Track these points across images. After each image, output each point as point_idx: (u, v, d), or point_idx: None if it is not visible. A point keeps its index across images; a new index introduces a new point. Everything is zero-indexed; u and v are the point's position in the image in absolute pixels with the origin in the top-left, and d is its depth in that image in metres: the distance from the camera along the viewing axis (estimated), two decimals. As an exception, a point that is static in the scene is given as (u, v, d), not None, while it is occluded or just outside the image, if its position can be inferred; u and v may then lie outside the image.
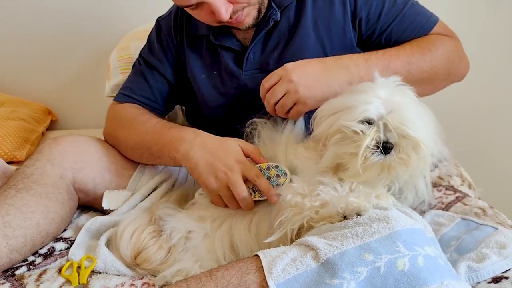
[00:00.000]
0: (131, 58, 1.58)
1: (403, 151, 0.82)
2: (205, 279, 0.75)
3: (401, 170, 0.84)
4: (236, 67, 1.19)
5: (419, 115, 0.85)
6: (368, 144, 0.81)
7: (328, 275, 0.71)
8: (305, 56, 1.12)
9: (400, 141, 0.82)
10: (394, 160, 0.83)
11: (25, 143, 1.68)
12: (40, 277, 0.98)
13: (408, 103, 0.85)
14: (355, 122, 0.83)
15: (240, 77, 1.19)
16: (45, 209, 1.04)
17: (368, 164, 0.83)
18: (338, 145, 0.85)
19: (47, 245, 1.07)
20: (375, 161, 0.82)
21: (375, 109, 0.82)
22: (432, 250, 0.73)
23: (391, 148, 0.82)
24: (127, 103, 1.25)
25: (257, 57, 1.18)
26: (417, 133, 0.82)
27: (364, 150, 0.82)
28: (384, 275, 0.69)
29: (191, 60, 1.24)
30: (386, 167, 0.83)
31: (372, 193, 0.83)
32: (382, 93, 0.85)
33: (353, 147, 0.83)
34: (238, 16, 1.07)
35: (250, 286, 0.73)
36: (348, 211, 0.79)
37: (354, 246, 0.73)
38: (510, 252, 0.89)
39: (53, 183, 1.09)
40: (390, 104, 0.83)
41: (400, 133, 0.82)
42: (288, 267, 0.73)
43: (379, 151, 0.82)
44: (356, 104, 0.83)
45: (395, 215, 0.77)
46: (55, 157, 1.12)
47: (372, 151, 0.82)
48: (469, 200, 1.12)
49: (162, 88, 1.27)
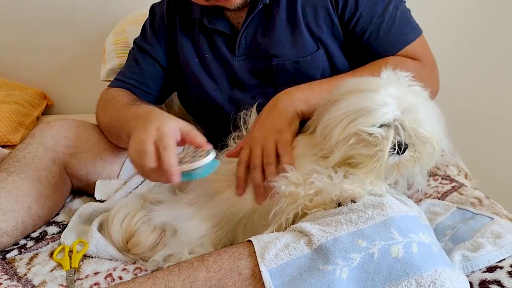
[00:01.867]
0: (127, 42, 1.57)
1: (416, 149, 0.83)
2: (196, 264, 0.74)
3: (411, 167, 0.85)
4: (229, 52, 1.18)
5: (430, 113, 0.85)
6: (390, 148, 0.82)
7: (321, 261, 0.70)
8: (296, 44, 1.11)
9: (414, 140, 0.83)
10: (407, 159, 0.84)
11: (19, 127, 1.67)
12: (32, 261, 0.98)
13: (419, 102, 0.85)
14: (374, 127, 0.82)
15: (233, 62, 1.17)
16: (37, 192, 1.04)
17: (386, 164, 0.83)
18: (351, 147, 0.84)
19: (39, 228, 1.07)
20: (392, 162, 0.83)
21: (391, 111, 0.82)
22: (426, 237, 0.73)
23: (406, 148, 0.83)
24: (117, 87, 1.23)
25: (249, 42, 1.16)
26: (430, 132, 0.83)
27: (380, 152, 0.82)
28: (378, 262, 0.68)
29: (184, 44, 1.22)
30: (399, 166, 0.84)
31: (367, 179, 0.83)
32: (393, 90, 0.84)
33: (371, 150, 0.83)
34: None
35: (243, 271, 0.72)
36: (342, 198, 0.79)
37: (348, 232, 0.72)
38: (505, 242, 0.89)
39: (45, 166, 1.08)
40: (403, 103, 0.83)
41: (416, 134, 0.82)
42: (280, 252, 0.72)
43: (395, 152, 0.83)
44: (373, 107, 0.82)
45: (390, 202, 0.76)
46: (48, 141, 1.12)
47: (389, 153, 0.82)
48: (465, 190, 1.11)
49: (155, 72, 1.25)
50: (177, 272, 0.74)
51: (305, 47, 1.12)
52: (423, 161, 0.85)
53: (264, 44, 1.14)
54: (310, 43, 1.12)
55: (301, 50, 1.12)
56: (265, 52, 1.14)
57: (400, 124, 0.82)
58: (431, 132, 0.83)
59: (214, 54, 1.19)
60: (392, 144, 0.82)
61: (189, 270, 0.74)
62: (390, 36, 1.10)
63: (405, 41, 1.11)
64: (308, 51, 1.12)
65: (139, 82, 1.23)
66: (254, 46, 1.16)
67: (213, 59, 1.19)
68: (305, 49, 1.12)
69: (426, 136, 0.82)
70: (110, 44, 1.61)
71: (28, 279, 0.92)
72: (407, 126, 0.82)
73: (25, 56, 2.02)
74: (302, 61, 1.12)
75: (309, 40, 1.12)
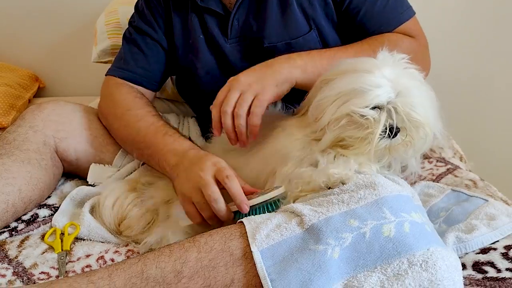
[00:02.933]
0: (119, 23, 1.54)
1: (409, 134, 0.82)
2: (188, 245, 0.74)
3: (403, 151, 0.84)
4: (221, 34, 1.15)
5: (424, 97, 0.84)
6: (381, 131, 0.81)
7: (313, 241, 0.70)
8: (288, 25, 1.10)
9: (407, 125, 0.82)
10: (399, 142, 0.83)
11: (11, 109, 1.66)
12: (23, 243, 0.97)
13: (414, 86, 0.84)
14: (367, 108, 0.81)
15: (225, 45, 1.15)
16: (27, 175, 1.03)
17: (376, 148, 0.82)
18: (342, 128, 0.83)
19: (30, 211, 1.06)
20: (383, 145, 0.82)
21: (385, 93, 0.81)
22: (419, 216, 0.73)
23: (398, 132, 0.82)
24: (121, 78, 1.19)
25: (241, 24, 1.14)
26: (424, 116, 0.82)
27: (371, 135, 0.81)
28: (370, 241, 0.68)
29: (176, 25, 1.19)
30: (390, 149, 0.83)
31: (351, 159, 0.82)
32: (388, 72, 0.82)
33: (362, 133, 0.82)
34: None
35: (234, 251, 0.72)
36: (331, 183, 0.78)
37: (339, 212, 0.72)
38: (499, 223, 0.89)
39: (35, 149, 1.07)
40: (397, 86, 0.82)
41: (408, 118, 0.81)
42: (272, 233, 0.72)
43: (386, 135, 0.81)
44: (366, 88, 0.80)
45: (382, 182, 0.75)
46: (38, 124, 1.10)
47: (380, 136, 0.81)
48: (460, 172, 1.11)
49: (158, 56, 1.21)
50: (168, 253, 0.73)
51: (297, 28, 1.10)
52: (415, 146, 0.84)
53: (256, 26, 1.13)
54: (302, 24, 1.11)
55: (293, 31, 1.11)
56: (257, 34, 1.12)
57: (393, 107, 0.81)
58: (425, 117, 0.82)
59: (206, 36, 1.17)
60: (383, 127, 0.81)
61: (180, 251, 0.73)
62: (384, 15, 1.09)
63: (399, 20, 1.10)
64: (300, 32, 1.11)
65: (145, 70, 1.19)
66: (246, 28, 1.14)
67: (205, 41, 1.17)
68: (297, 30, 1.10)
69: (419, 120, 0.81)
70: (102, 24, 1.58)
71: (19, 261, 0.92)
72: (400, 109, 0.80)
73: (16, 38, 2.00)
74: (294, 43, 1.11)
75: (302, 20, 1.11)
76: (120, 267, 0.73)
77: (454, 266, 0.68)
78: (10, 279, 0.88)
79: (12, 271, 0.89)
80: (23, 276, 0.89)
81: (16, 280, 0.88)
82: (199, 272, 0.71)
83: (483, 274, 0.80)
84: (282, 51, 1.09)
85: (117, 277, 0.72)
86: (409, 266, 0.66)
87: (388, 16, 1.09)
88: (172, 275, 0.71)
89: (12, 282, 0.87)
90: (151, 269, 0.71)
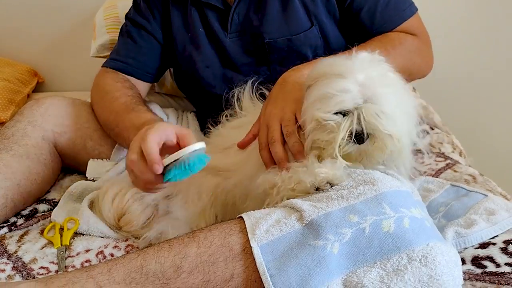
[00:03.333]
0: (117, 17, 1.53)
1: (379, 140, 0.79)
2: (187, 240, 0.74)
3: (378, 156, 0.81)
4: (221, 29, 1.15)
5: (397, 106, 0.81)
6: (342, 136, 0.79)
7: (312, 236, 0.69)
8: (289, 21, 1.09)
9: (375, 131, 0.79)
10: (369, 149, 0.80)
11: (9, 104, 1.65)
12: (22, 238, 0.97)
13: (387, 92, 0.81)
14: (330, 113, 0.79)
15: (225, 39, 1.14)
16: (26, 169, 1.03)
17: (344, 152, 0.80)
18: (314, 132, 0.82)
19: (29, 206, 1.06)
20: (349, 150, 0.80)
21: (350, 99, 0.78)
22: (418, 212, 0.72)
23: (365, 138, 0.79)
24: (113, 69, 1.19)
25: (241, 19, 1.13)
26: (391, 127, 0.79)
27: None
28: (369, 237, 0.68)
29: (175, 19, 1.18)
30: (363, 153, 0.81)
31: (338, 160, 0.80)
32: (361, 77, 0.80)
33: (327, 136, 0.80)
34: None
35: (233, 247, 0.71)
36: (318, 182, 0.77)
37: (339, 207, 0.72)
38: (498, 218, 0.89)
39: (34, 144, 1.07)
40: (367, 92, 0.79)
41: (372, 127, 0.79)
42: (271, 228, 0.72)
43: (352, 141, 0.79)
44: (332, 94, 0.79)
45: (382, 177, 0.75)
46: (37, 119, 1.10)
47: (346, 142, 0.79)
48: (460, 167, 1.11)
49: (151, 48, 1.21)
50: (168, 248, 0.73)
51: (298, 24, 1.10)
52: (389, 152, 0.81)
53: (256, 21, 1.12)
54: (303, 20, 1.10)
55: (294, 27, 1.10)
56: (257, 29, 1.11)
57: (358, 114, 0.78)
58: (392, 128, 0.79)
59: (206, 30, 1.16)
60: (348, 132, 0.78)
61: (180, 246, 0.73)
62: (387, 13, 1.08)
63: (402, 17, 1.09)
64: (302, 28, 1.10)
65: (136, 61, 1.19)
66: (246, 23, 1.13)
67: (205, 35, 1.16)
68: (298, 26, 1.10)
69: (383, 131, 0.78)
70: (101, 19, 1.57)
71: (19, 256, 0.92)
72: (364, 117, 0.78)
73: (15, 32, 1.98)
74: (295, 39, 1.10)
75: (303, 16, 1.10)
76: (120, 262, 0.73)
77: (453, 261, 0.68)
78: (9, 274, 0.88)
79: (11, 266, 0.90)
80: (22, 271, 0.89)
81: (15, 275, 0.88)
82: (199, 267, 0.71)
83: (482, 269, 0.81)
84: (282, 47, 1.09)
85: (116, 272, 0.72)
86: (409, 262, 0.66)
87: (391, 14, 1.09)
88: (172, 270, 0.71)
89: (12, 277, 0.88)
90: (150, 264, 0.71)
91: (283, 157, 0.87)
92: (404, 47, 1.06)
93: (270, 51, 1.11)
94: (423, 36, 1.13)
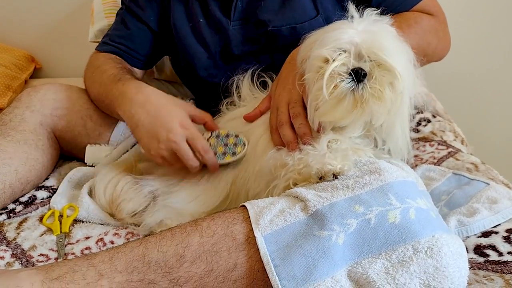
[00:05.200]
0: (115, 2, 1.51)
1: (377, 81, 0.77)
2: (190, 229, 0.73)
3: (375, 105, 0.78)
4: (223, 16, 1.12)
5: (396, 47, 0.80)
6: (338, 70, 0.76)
7: (317, 226, 0.69)
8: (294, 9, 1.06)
9: (374, 70, 0.77)
10: (367, 91, 0.77)
11: (7, 90, 1.64)
12: (21, 225, 0.96)
13: (386, 33, 0.80)
14: (328, 50, 0.78)
15: (227, 27, 1.12)
16: (24, 155, 1.02)
17: (339, 92, 0.77)
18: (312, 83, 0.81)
19: (28, 193, 1.06)
20: (346, 87, 0.77)
21: (348, 37, 0.77)
22: (424, 203, 0.72)
23: (364, 76, 0.76)
24: (105, 52, 1.18)
25: (245, 6, 1.10)
26: (393, 61, 0.77)
27: (334, 77, 0.77)
28: (375, 228, 0.67)
29: (176, 8, 1.15)
30: (359, 100, 0.78)
31: (350, 150, 0.79)
32: (360, 26, 0.80)
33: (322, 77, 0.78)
34: None
35: (237, 236, 0.71)
36: (323, 172, 0.76)
37: (344, 198, 0.71)
38: (501, 207, 0.89)
39: (32, 129, 1.06)
40: (366, 33, 0.78)
41: (374, 59, 0.77)
42: (276, 218, 0.71)
43: (350, 78, 0.77)
44: (329, 35, 0.79)
45: (387, 167, 0.74)
46: (35, 104, 1.09)
47: (343, 77, 0.77)
48: (462, 156, 1.11)
49: (144, 36, 1.19)
50: (170, 237, 0.73)
51: (303, 12, 1.07)
52: (387, 100, 0.78)
53: (260, 8, 1.09)
54: (309, 8, 1.07)
55: (299, 16, 1.07)
56: (261, 17, 1.09)
57: (358, 51, 0.77)
58: (395, 62, 0.77)
59: (207, 19, 1.14)
60: (346, 68, 0.77)
61: (182, 235, 0.72)
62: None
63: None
64: (307, 16, 1.07)
65: (127, 47, 1.18)
66: (250, 10, 1.10)
67: (207, 24, 1.14)
68: (304, 14, 1.07)
69: (388, 63, 0.76)
70: (99, 3, 1.55)
71: (18, 243, 0.91)
72: (365, 50, 0.76)
73: (11, 18, 1.96)
74: (299, 27, 1.07)
75: (309, 4, 1.07)
76: (121, 250, 0.72)
77: (459, 253, 0.67)
78: (8, 261, 0.87)
79: (10, 253, 0.89)
80: (21, 258, 0.88)
81: (14, 262, 0.87)
82: (202, 256, 0.70)
83: (485, 258, 0.81)
84: (286, 36, 1.06)
85: (118, 260, 0.71)
86: (414, 253, 0.65)
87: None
88: (174, 259, 0.70)
89: (11, 264, 0.87)
90: (152, 252, 0.71)
91: (291, 139, 0.87)
92: (420, 26, 1.03)
93: (273, 39, 1.08)
94: (440, 15, 1.11)
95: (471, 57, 1.84)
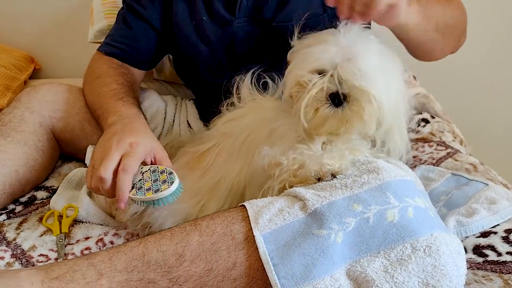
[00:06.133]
0: (115, 2, 1.51)
1: (356, 103, 0.78)
2: (189, 228, 0.73)
3: (357, 124, 0.80)
4: (227, 13, 1.11)
5: (378, 67, 0.80)
6: (317, 95, 0.78)
7: (316, 225, 0.69)
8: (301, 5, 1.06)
9: (353, 93, 0.78)
10: (347, 113, 0.79)
11: (6, 90, 1.64)
12: (21, 226, 0.96)
13: (369, 53, 0.80)
14: (306, 72, 0.79)
15: (232, 25, 1.11)
16: (23, 156, 1.02)
17: (320, 115, 0.79)
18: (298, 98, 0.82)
19: (27, 193, 1.06)
20: (325, 112, 0.79)
21: (328, 58, 0.78)
22: (422, 201, 0.72)
23: (343, 99, 0.78)
24: (106, 55, 1.17)
25: (251, 3, 1.10)
26: (369, 85, 0.78)
27: (315, 101, 0.79)
28: (373, 226, 0.68)
29: (179, 6, 1.15)
30: (342, 121, 0.80)
31: (346, 150, 0.79)
32: (345, 40, 0.80)
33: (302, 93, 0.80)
34: None
35: (236, 235, 0.71)
36: (322, 173, 0.76)
37: (343, 196, 0.71)
38: (500, 207, 0.89)
39: (32, 130, 1.06)
40: (348, 52, 0.79)
41: (349, 85, 0.78)
42: (274, 217, 0.71)
43: (329, 103, 0.78)
44: (311, 54, 0.79)
45: (386, 167, 0.74)
46: (34, 105, 1.09)
47: (322, 102, 0.78)
48: (460, 156, 1.11)
49: (147, 36, 1.18)
50: (169, 236, 0.73)
51: (310, 9, 1.05)
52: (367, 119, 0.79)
53: (266, 5, 1.09)
54: (316, 5, 1.07)
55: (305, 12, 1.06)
56: (267, 14, 1.09)
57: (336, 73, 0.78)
58: (371, 86, 0.77)
59: (211, 16, 1.13)
60: (325, 93, 0.78)
61: (182, 234, 0.72)
62: None
63: None
64: (313, 13, 1.04)
65: (130, 47, 1.17)
66: (255, 7, 1.10)
67: (210, 22, 1.13)
68: (310, 11, 1.06)
69: (360, 88, 0.77)
70: (98, 4, 1.55)
71: (18, 244, 0.91)
72: (341, 75, 0.77)
73: (11, 18, 1.95)
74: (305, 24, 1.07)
75: (316, 1, 1.07)
76: (121, 250, 0.73)
77: (457, 251, 0.68)
78: (8, 261, 0.88)
79: (10, 253, 0.89)
80: (21, 258, 0.88)
81: (14, 262, 0.88)
82: (201, 255, 0.70)
83: (483, 258, 0.81)
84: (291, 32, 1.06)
85: (118, 260, 0.71)
86: (413, 252, 0.66)
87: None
88: (174, 259, 0.70)
89: (11, 264, 0.87)
90: (152, 252, 0.71)
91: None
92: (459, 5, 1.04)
93: (277, 36, 1.08)
94: None
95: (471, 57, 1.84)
